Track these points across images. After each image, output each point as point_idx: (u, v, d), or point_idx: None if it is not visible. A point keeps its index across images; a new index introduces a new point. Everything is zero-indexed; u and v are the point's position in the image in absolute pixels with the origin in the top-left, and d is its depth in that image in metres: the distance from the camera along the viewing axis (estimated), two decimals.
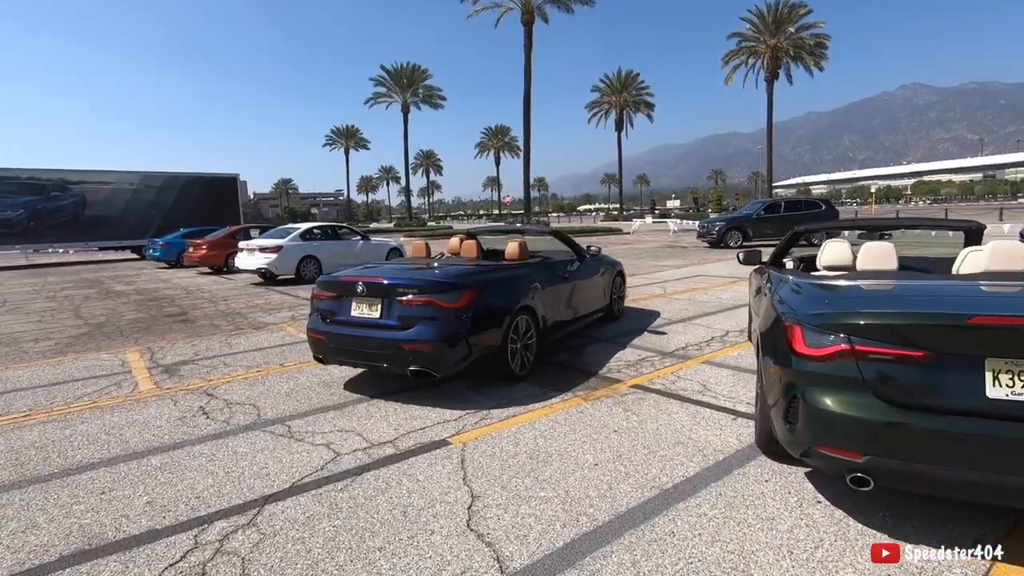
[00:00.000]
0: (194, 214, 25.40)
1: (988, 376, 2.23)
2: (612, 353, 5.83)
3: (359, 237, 14.99)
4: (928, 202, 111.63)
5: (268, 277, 13.23)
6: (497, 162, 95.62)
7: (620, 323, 7.32)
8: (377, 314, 4.39)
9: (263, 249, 12.91)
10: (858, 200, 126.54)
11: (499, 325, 4.55)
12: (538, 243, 7.57)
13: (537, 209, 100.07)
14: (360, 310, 4.48)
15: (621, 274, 7.64)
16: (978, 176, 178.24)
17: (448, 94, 59.21)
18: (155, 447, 3.75)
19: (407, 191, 60.67)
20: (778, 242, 5.05)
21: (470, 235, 6.58)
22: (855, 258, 3.98)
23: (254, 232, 17.37)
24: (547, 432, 3.78)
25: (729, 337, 6.36)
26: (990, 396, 2.22)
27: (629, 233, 33.48)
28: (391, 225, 59.45)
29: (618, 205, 75.08)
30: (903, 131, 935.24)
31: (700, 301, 8.85)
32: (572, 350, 6.00)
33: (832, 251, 4.07)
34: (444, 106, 58.24)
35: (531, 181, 43.46)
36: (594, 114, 63.98)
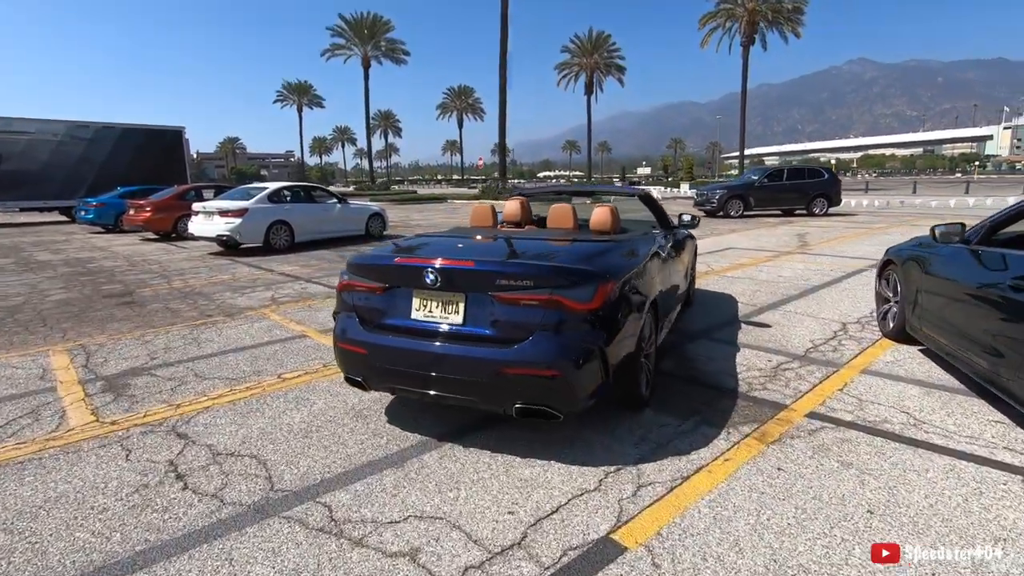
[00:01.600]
0: (133, 171, 22.37)
1: None
2: (727, 356, 4.43)
3: (335, 200, 12.98)
4: (875, 175, 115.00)
5: (230, 245, 11.18)
6: (460, 124, 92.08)
7: (697, 311, 5.92)
8: (458, 318, 2.79)
9: (224, 212, 10.81)
10: None
11: (635, 331, 3.06)
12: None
13: (497, 175, 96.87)
14: (427, 310, 2.87)
15: (696, 249, 6.22)
16: (918, 151, 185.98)
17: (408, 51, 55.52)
18: (96, 567, 2.10)
19: (369, 152, 57.08)
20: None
21: (523, 196, 4.96)
22: None
23: (208, 193, 15.09)
24: (764, 516, 2.34)
25: (853, 331, 5.06)
26: None
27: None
28: (350, 189, 56.19)
29: (580, 173, 73.74)
30: (848, 105, 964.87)
31: (764, 280, 7.56)
32: (671, 353, 4.57)
33: None
34: (407, 61, 54.74)
35: (493, 147, 41.37)
36: (563, 75, 61.76)
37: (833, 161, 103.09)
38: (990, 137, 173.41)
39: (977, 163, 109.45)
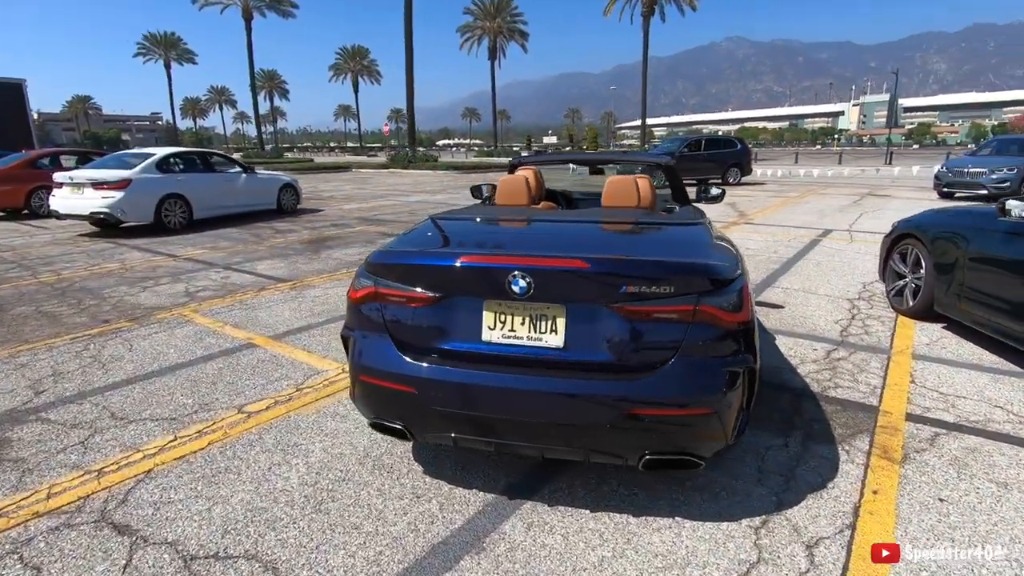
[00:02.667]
0: None
1: None
2: (768, 346, 3.98)
3: (240, 169, 11.17)
4: (752, 145, 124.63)
5: (109, 225, 9.19)
6: (355, 87, 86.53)
7: None
8: (556, 339, 1.99)
9: (98, 184, 8.79)
10: None
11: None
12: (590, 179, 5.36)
13: (394, 143, 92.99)
14: (507, 328, 2.03)
15: None
16: (785, 124, 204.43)
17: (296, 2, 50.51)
18: None
19: (256, 115, 51.54)
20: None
21: (532, 166, 4.15)
22: None
23: (67, 160, 12.52)
24: None
25: (865, 310, 4.85)
26: None
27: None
28: (237, 157, 50.92)
29: (481, 140, 72.55)
30: (726, 80, 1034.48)
31: None
32: None
33: None
34: (295, 15, 49.83)
35: (390, 113, 39.12)
36: (467, 39, 59.63)
37: (720, 132, 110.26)
38: (842, 113, 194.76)
39: (836, 136, 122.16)
